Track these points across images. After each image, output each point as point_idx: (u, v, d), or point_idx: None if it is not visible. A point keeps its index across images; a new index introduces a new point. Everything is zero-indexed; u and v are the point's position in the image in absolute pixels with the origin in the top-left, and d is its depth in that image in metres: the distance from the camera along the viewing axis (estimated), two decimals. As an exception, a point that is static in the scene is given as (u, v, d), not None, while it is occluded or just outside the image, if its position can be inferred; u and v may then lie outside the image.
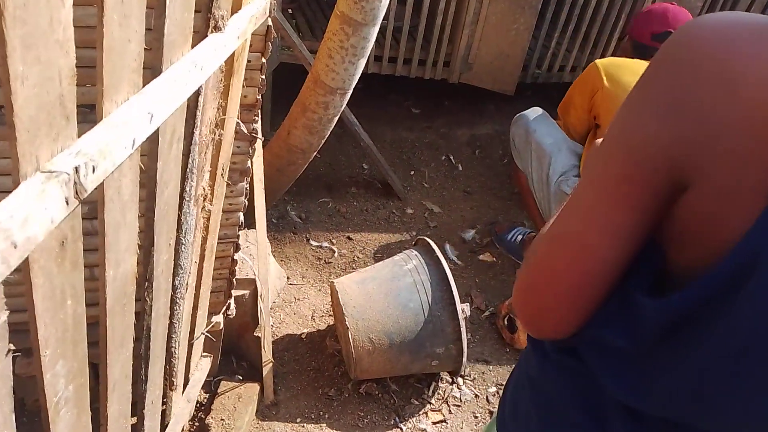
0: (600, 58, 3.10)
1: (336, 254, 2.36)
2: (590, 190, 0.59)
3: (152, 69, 0.77)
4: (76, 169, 0.49)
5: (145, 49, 0.69)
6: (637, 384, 0.59)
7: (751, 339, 0.49)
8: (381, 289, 1.77)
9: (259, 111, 1.37)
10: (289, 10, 2.93)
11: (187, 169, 0.99)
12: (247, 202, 1.49)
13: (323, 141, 2.16)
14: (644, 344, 0.57)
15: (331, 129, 2.13)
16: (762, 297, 0.47)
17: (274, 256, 2.16)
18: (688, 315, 0.53)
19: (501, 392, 1.95)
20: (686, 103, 0.49)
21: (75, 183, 0.49)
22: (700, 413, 0.57)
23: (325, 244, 2.40)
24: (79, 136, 0.55)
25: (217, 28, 0.91)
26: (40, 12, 0.45)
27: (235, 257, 1.55)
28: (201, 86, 0.90)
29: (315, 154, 2.21)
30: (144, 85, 0.70)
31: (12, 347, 0.46)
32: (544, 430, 0.72)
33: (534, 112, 2.43)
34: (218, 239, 1.42)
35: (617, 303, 0.60)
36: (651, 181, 0.53)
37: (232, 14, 0.98)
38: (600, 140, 0.61)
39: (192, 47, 0.85)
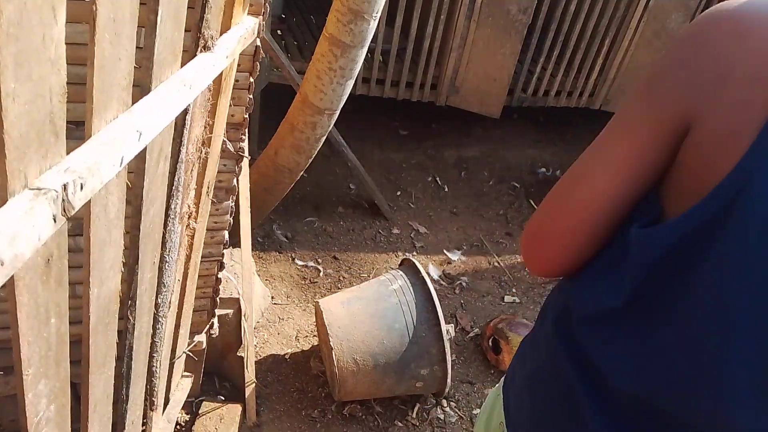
0: (584, 83, 3.18)
1: (321, 274, 2.36)
2: (605, 130, 0.64)
3: (141, 86, 0.77)
4: (65, 187, 0.49)
5: (134, 66, 0.70)
6: (627, 357, 0.60)
7: (742, 275, 0.50)
8: (366, 310, 1.77)
9: (247, 130, 1.37)
10: (279, 31, 2.95)
11: (173, 187, 0.99)
12: (232, 221, 1.49)
13: (310, 161, 2.16)
14: (634, 293, 0.59)
15: (318, 149, 2.14)
16: (752, 222, 0.49)
17: (259, 275, 2.15)
18: (677, 248, 0.55)
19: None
20: (702, 53, 0.55)
21: (63, 200, 0.49)
22: (687, 389, 0.57)
23: (311, 263, 2.39)
24: (66, 153, 0.55)
25: (206, 48, 0.91)
26: (33, 29, 0.45)
27: (219, 276, 1.54)
28: (189, 105, 0.91)
29: (302, 173, 2.22)
30: (133, 103, 0.71)
31: (-6, 366, 0.45)
32: (533, 399, 0.74)
33: None
34: (202, 257, 1.41)
35: (610, 256, 0.64)
36: (659, 121, 0.57)
37: (221, 34, 0.98)
38: None
39: (181, 66, 0.85)
